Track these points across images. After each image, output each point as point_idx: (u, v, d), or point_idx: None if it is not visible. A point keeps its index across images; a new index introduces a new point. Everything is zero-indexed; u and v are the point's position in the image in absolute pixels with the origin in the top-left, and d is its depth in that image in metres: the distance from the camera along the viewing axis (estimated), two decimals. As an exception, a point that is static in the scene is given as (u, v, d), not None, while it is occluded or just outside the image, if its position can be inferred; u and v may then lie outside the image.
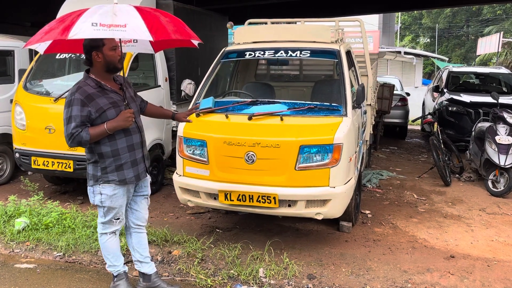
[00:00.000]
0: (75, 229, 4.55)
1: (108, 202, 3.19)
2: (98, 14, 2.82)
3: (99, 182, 3.17)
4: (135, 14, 2.87)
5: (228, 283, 3.73)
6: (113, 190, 3.17)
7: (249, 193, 4.01)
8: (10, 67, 6.39)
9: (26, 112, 5.46)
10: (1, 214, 4.83)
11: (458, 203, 5.89)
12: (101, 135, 3.05)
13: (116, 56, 3.10)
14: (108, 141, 3.11)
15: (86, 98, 3.02)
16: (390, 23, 31.58)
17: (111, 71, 3.15)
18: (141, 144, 3.30)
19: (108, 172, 3.14)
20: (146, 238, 3.56)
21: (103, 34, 2.78)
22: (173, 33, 3.06)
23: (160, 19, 3.03)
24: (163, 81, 6.20)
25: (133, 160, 3.21)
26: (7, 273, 3.79)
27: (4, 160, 6.39)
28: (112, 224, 3.30)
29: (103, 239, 3.35)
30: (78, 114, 2.99)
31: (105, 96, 3.10)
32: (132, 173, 3.21)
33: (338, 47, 4.70)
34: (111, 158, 3.13)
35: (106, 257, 3.40)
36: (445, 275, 3.88)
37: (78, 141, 3.01)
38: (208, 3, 8.35)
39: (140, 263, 3.51)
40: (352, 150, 4.17)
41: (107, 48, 3.06)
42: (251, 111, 4.27)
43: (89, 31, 2.74)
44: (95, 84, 3.09)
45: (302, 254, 4.28)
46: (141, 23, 2.83)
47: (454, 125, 9.45)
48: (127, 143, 3.17)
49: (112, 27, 2.73)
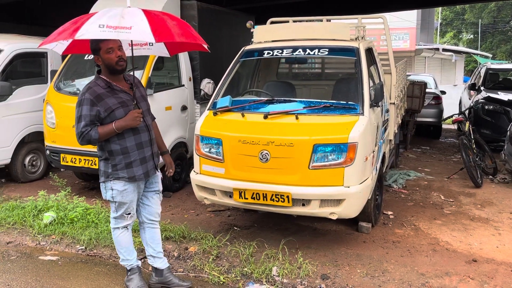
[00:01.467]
0: (98, 224, 4.71)
1: (119, 197, 3.29)
2: (107, 17, 2.92)
3: (110, 178, 3.27)
4: (142, 17, 2.94)
5: (240, 281, 3.76)
6: (124, 186, 3.27)
7: (263, 192, 4.03)
8: (44, 68, 6.69)
9: (56, 111, 5.71)
10: (31, 208, 5.07)
11: (487, 206, 5.66)
12: (109, 134, 3.16)
13: (113, 58, 3.16)
14: (117, 139, 3.21)
15: (95, 98, 3.13)
16: (429, 19, 30.63)
17: (113, 73, 3.23)
18: (150, 142, 3.37)
19: (118, 169, 3.24)
20: (159, 233, 3.64)
21: (108, 35, 2.88)
22: (177, 36, 3.12)
23: (166, 22, 3.10)
24: (187, 80, 6.31)
25: (142, 157, 3.29)
26: (31, 264, 3.98)
27: (38, 157, 6.70)
28: (124, 219, 3.40)
29: (115, 234, 3.46)
30: (87, 114, 3.11)
31: (114, 96, 3.20)
32: (141, 170, 3.30)
33: (358, 44, 4.63)
34: (121, 155, 3.23)
35: (119, 251, 3.51)
36: (465, 279, 3.75)
37: (88, 139, 3.12)
38: (235, 3, 8.41)
39: (153, 258, 3.59)
40: (369, 149, 4.10)
41: (103, 51, 3.15)
42: (267, 110, 4.28)
43: (95, 32, 2.85)
44: (104, 84, 3.20)
45: (318, 254, 4.24)
46: (145, 26, 2.90)
47: (491, 124, 9.08)
48: (135, 141, 3.26)
49: (118, 28, 2.83)
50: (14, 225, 4.86)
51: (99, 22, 2.87)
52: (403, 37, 20.62)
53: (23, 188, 6.28)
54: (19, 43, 6.39)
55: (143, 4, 3.64)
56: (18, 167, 6.40)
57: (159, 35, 2.95)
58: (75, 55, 6.11)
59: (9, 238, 4.61)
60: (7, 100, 6.12)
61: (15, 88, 6.23)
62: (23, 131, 6.36)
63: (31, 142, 6.54)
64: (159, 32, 2.97)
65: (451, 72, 26.93)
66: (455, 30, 44.02)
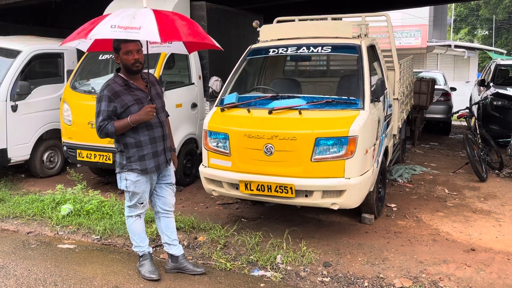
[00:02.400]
0: (112, 216, 4.96)
1: (132, 187, 3.52)
2: (120, 17, 3.17)
3: (124, 169, 3.51)
4: (151, 17, 3.16)
5: (246, 268, 3.95)
6: (137, 177, 3.51)
7: (267, 183, 4.22)
8: (60, 68, 6.98)
9: (72, 109, 5.98)
10: (50, 201, 5.35)
11: (490, 199, 5.77)
12: (125, 128, 3.39)
13: (130, 60, 3.39)
14: (132, 134, 3.44)
15: (113, 95, 3.38)
16: (442, 16, 30.42)
17: (130, 72, 3.46)
18: (163, 138, 3.59)
19: (132, 161, 3.48)
20: (173, 222, 3.85)
21: (119, 35, 3.11)
22: (185, 36, 3.36)
23: (175, 22, 3.32)
24: (196, 79, 6.53)
25: (154, 151, 3.51)
26: (50, 251, 4.24)
27: (55, 153, 7.00)
28: (137, 208, 3.63)
29: (129, 221, 3.70)
30: (105, 109, 3.37)
31: (130, 93, 3.43)
32: (153, 163, 3.52)
33: (360, 42, 4.79)
34: (135, 148, 3.46)
35: (132, 238, 3.75)
36: (462, 267, 3.89)
37: (105, 132, 3.39)
38: (244, 3, 8.61)
39: (168, 245, 3.80)
40: (369, 142, 4.26)
41: (122, 52, 3.39)
42: (271, 106, 4.47)
43: (107, 32, 3.11)
44: (122, 82, 3.44)
45: (321, 243, 4.42)
46: (153, 27, 3.11)
47: (499, 120, 9.11)
48: (149, 136, 3.49)
49: (128, 29, 3.06)
50: (34, 216, 5.14)
51: (112, 23, 3.12)
52: (415, 34, 20.60)
53: (42, 183, 6.58)
54: (37, 45, 6.68)
55: (154, 4, 3.87)
56: (37, 163, 6.70)
57: (166, 36, 3.17)
58: (91, 55, 6.39)
59: (29, 229, 4.89)
60: (26, 99, 6.42)
61: (34, 88, 6.52)
62: (41, 129, 6.66)
63: (49, 139, 6.83)
64: (166, 32, 3.18)
65: (464, 69, 26.71)
66: (469, 26, 43.51)
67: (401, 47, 20.56)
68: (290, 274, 3.85)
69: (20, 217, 5.17)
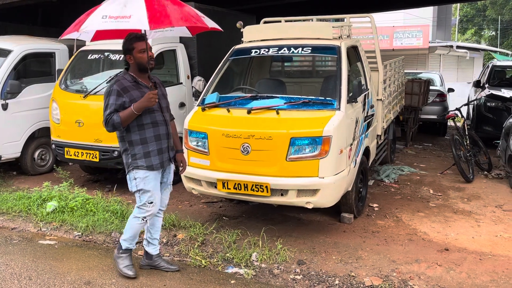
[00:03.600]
0: (96, 213, 5.04)
1: (142, 184, 3.52)
2: (112, 7, 3.22)
3: (131, 168, 3.55)
4: (142, 4, 3.18)
5: (221, 265, 4.02)
6: (145, 173, 3.53)
7: (244, 182, 4.28)
8: (52, 67, 7.09)
9: (61, 108, 6.08)
10: (37, 198, 5.44)
11: (474, 200, 5.79)
12: (130, 117, 3.40)
13: (145, 58, 3.45)
14: (137, 130, 3.50)
15: (122, 90, 3.43)
16: (447, 16, 30.27)
17: (142, 71, 3.53)
18: (167, 136, 3.64)
19: (137, 158, 3.52)
20: (161, 222, 3.90)
21: (109, 25, 3.17)
22: (176, 21, 3.36)
23: (166, 8, 3.32)
24: (185, 78, 6.61)
25: (159, 148, 3.57)
26: (30, 247, 4.34)
27: (47, 151, 7.10)
28: (146, 207, 3.56)
29: (134, 221, 3.63)
30: (113, 103, 3.42)
31: (139, 90, 3.49)
32: (158, 160, 3.56)
33: (339, 43, 4.83)
34: (140, 145, 3.51)
35: (127, 233, 3.69)
36: (432, 266, 3.93)
37: (112, 124, 3.41)
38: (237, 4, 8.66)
39: (148, 242, 3.86)
40: (344, 143, 4.31)
41: (136, 51, 3.45)
42: (251, 106, 4.53)
43: (97, 24, 3.18)
44: (131, 79, 3.51)
45: (297, 241, 4.47)
46: (143, 14, 3.14)
47: (493, 121, 9.09)
48: (154, 133, 3.54)
49: (118, 18, 3.11)
50: (20, 213, 5.24)
51: (102, 13, 3.19)
52: (416, 34, 20.51)
53: (32, 180, 6.68)
54: (28, 44, 6.79)
55: None
56: (27, 160, 6.81)
57: (155, 22, 3.18)
58: (80, 55, 6.49)
59: (14, 225, 4.99)
60: (17, 97, 6.53)
61: (25, 86, 6.63)
62: (32, 127, 6.77)
63: (40, 137, 6.94)
64: (156, 19, 3.19)
65: (468, 70, 26.57)
66: (476, 27, 43.22)
67: (403, 48, 20.51)
68: (264, 271, 3.91)
69: (7, 213, 5.27)
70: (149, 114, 3.50)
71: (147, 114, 3.48)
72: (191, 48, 6.72)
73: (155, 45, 6.12)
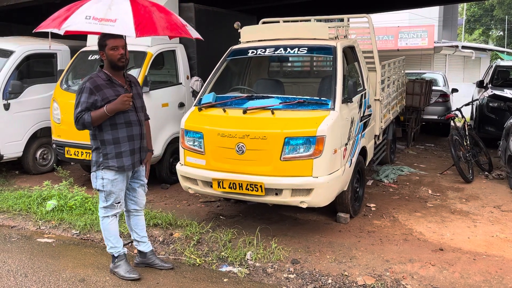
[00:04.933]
0: (94, 212, 5.10)
1: (109, 186, 3.52)
2: (95, 7, 3.16)
3: (101, 167, 3.52)
4: (128, 9, 3.14)
5: (215, 263, 4.05)
6: (114, 175, 3.51)
7: (239, 182, 4.31)
8: (54, 68, 7.17)
9: (61, 108, 6.15)
10: (37, 196, 5.52)
11: (472, 200, 5.77)
12: (101, 117, 3.38)
13: (116, 55, 3.41)
14: (110, 130, 3.46)
15: (94, 88, 3.39)
16: (453, 16, 30.08)
17: (115, 68, 3.49)
18: (140, 136, 3.63)
19: (108, 158, 3.49)
20: (143, 220, 3.92)
21: (93, 27, 3.11)
22: (162, 29, 3.34)
23: (153, 15, 3.29)
24: (184, 79, 6.65)
25: (131, 149, 3.55)
26: (28, 245, 4.40)
27: (49, 151, 7.19)
28: (114, 208, 3.61)
29: (105, 222, 3.65)
30: (85, 101, 3.38)
31: (112, 88, 3.45)
32: (130, 161, 3.55)
33: (335, 43, 4.85)
34: (112, 145, 3.48)
35: (107, 239, 3.69)
36: (426, 266, 3.93)
37: (82, 123, 3.39)
38: (238, 4, 8.70)
39: (137, 242, 3.90)
40: (338, 142, 4.32)
41: (108, 48, 3.40)
42: (246, 106, 4.56)
43: (80, 24, 3.11)
44: (105, 77, 3.46)
45: (292, 241, 4.49)
46: (129, 19, 3.10)
47: (495, 121, 9.04)
48: (127, 133, 3.51)
49: (103, 21, 3.05)
50: (20, 211, 5.31)
51: (86, 13, 3.12)
52: (421, 35, 20.42)
53: (34, 179, 6.76)
54: (30, 45, 6.87)
55: None
56: (29, 160, 6.89)
57: (142, 30, 3.13)
58: (81, 55, 6.56)
59: (13, 223, 5.06)
60: (19, 98, 6.61)
61: (27, 87, 6.72)
62: (34, 127, 6.85)
63: (42, 137, 7.02)
64: (142, 26, 3.14)
65: (474, 70, 26.40)
66: (483, 27, 42.91)
67: (408, 48, 20.43)
68: (257, 270, 3.94)
69: (7, 211, 5.35)
70: (123, 113, 3.46)
71: (120, 114, 3.45)
72: (190, 48, 6.76)
73: (155, 45, 6.19)
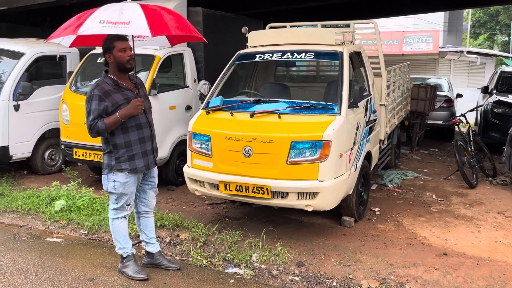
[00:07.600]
0: (102, 212, 5.18)
1: (120, 189, 3.58)
2: (108, 12, 3.27)
3: (113, 170, 3.57)
4: (140, 12, 3.25)
5: (221, 265, 4.11)
6: (126, 178, 3.57)
7: (245, 184, 4.37)
8: (63, 70, 7.27)
9: (70, 109, 6.24)
10: (46, 196, 5.60)
11: (476, 205, 5.81)
12: (115, 123, 3.45)
13: (125, 57, 3.48)
14: (122, 134, 3.52)
15: (103, 94, 3.44)
16: (458, 21, 30.12)
17: (123, 71, 3.55)
18: (151, 138, 3.70)
19: (121, 161, 3.55)
20: (152, 221, 3.98)
21: (108, 30, 3.21)
22: (173, 29, 3.45)
23: (163, 16, 3.41)
24: (191, 82, 6.73)
25: (143, 151, 3.62)
26: (37, 244, 4.48)
27: (57, 151, 7.28)
28: (124, 210, 3.68)
29: (115, 223, 3.71)
30: (96, 108, 3.42)
31: (120, 93, 3.52)
32: (143, 163, 3.62)
33: (342, 49, 4.91)
34: (124, 149, 3.54)
35: (117, 240, 3.76)
36: (430, 270, 3.97)
37: (96, 130, 3.44)
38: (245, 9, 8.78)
39: (146, 243, 3.96)
40: (344, 147, 4.38)
41: (117, 50, 3.47)
42: (253, 110, 4.62)
43: (96, 28, 3.21)
44: (112, 82, 3.52)
45: (297, 244, 4.55)
46: (143, 21, 3.20)
47: (499, 127, 9.08)
48: (138, 136, 3.58)
49: (117, 24, 3.15)
50: (29, 211, 5.39)
51: (100, 18, 3.22)
52: (426, 39, 20.46)
53: (42, 180, 6.85)
54: (40, 47, 6.97)
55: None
56: (38, 160, 6.99)
57: (156, 29, 3.25)
58: (90, 58, 6.66)
59: (23, 222, 5.14)
60: (29, 99, 6.71)
61: (36, 88, 6.82)
62: (43, 128, 6.95)
63: (51, 137, 7.11)
64: (156, 26, 3.25)
65: (479, 75, 26.36)
66: (488, 32, 42.86)
67: (412, 53, 20.46)
68: (263, 272, 3.99)
69: (16, 211, 5.43)
70: (133, 116, 3.52)
71: (131, 117, 3.51)
72: (198, 52, 6.84)
73: (163, 49, 6.27)
